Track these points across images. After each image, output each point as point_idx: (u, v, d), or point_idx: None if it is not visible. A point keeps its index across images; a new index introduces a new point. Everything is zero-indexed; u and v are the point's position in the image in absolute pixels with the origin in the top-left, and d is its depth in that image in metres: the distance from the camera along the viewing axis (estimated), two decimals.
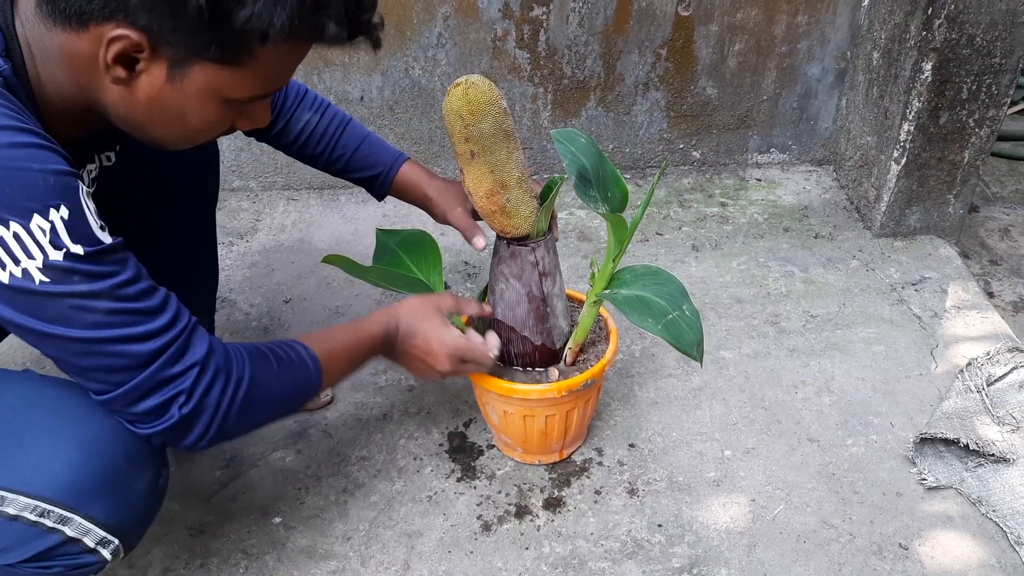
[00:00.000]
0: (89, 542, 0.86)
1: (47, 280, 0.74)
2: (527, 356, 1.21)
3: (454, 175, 1.99)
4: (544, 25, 1.81)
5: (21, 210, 0.72)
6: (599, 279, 1.15)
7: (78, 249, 0.75)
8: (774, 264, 1.76)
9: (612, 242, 1.12)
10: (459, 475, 1.30)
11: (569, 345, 1.22)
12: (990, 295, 1.74)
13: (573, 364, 1.23)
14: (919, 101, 1.65)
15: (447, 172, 1.99)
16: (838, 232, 1.86)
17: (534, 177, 1.57)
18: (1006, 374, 1.41)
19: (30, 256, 0.73)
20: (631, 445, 1.35)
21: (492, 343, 1.16)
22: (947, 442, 1.30)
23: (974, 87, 1.63)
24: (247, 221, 1.89)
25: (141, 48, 0.76)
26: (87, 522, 0.85)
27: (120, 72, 0.77)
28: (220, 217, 1.88)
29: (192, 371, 0.83)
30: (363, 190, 1.31)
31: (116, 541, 0.88)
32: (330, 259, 1.17)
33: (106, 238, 0.78)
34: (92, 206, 0.78)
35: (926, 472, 1.29)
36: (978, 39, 1.57)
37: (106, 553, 0.88)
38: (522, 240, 1.13)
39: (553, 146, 1.98)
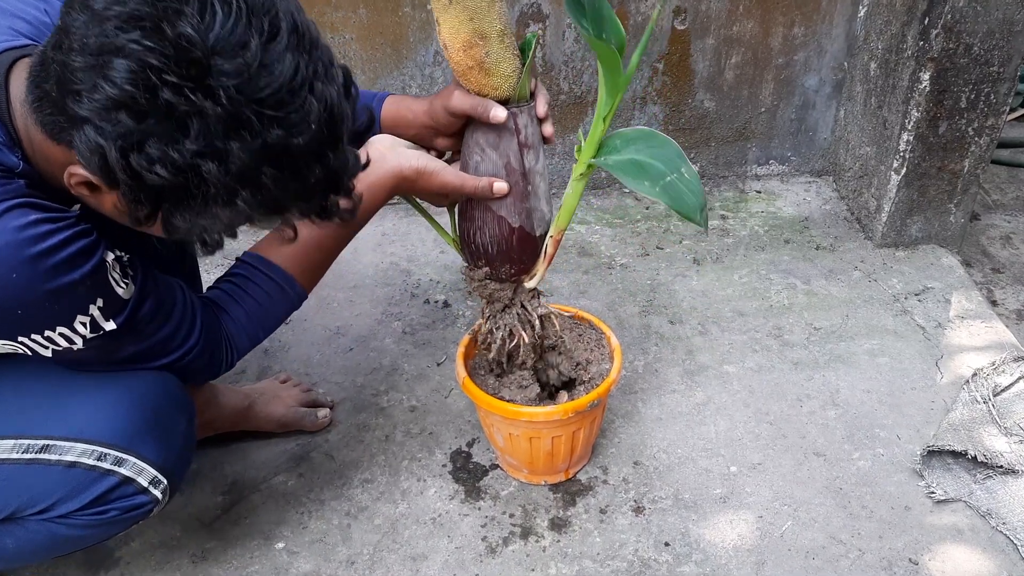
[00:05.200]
0: (143, 481, 0.95)
1: (83, 348, 0.86)
2: (503, 241, 1.08)
3: None
4: (540, 41, 1.81)
5: (66, 318, 0.83)
6: (587, 145, 1.03)
7: (111, 325, 0.86)
8: (776, 276, 1.75)
9: (603, 95, 0.99)
10: (463, 496, 1.29)
11: (551, 233, 1.11)
12: (993, 303, 1.74)
13: (552, 257, 1.12)
14: (918, 111, 1.64)
15: None
16: (839, 243, 1.85)
17: None
18: (1012, 384, 1.40)
19: (72, 343, 0.85)
20: (636, 463, 1.33)
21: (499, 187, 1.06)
22: (955, 454, 1.29)
23: (972, 96, 1.63)
24: (245, 243, 1.87)
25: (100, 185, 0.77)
26: (140, 461, 0.94)
27: (84, 191, 0.78)
28: None
29: (207, 351, 1.01)
30: None
31: (165, 480, 0.97)
32: None
33: (129, 291, 0.87)
34: (117, 271, 0.86)
35: (934, 485, 1.28)
36: (975, 48, 1.57)
37: (157, 492, 0.97)
38: (501, 104, 1.01)
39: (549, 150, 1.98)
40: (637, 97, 1.91)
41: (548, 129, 1.06)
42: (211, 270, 1.67)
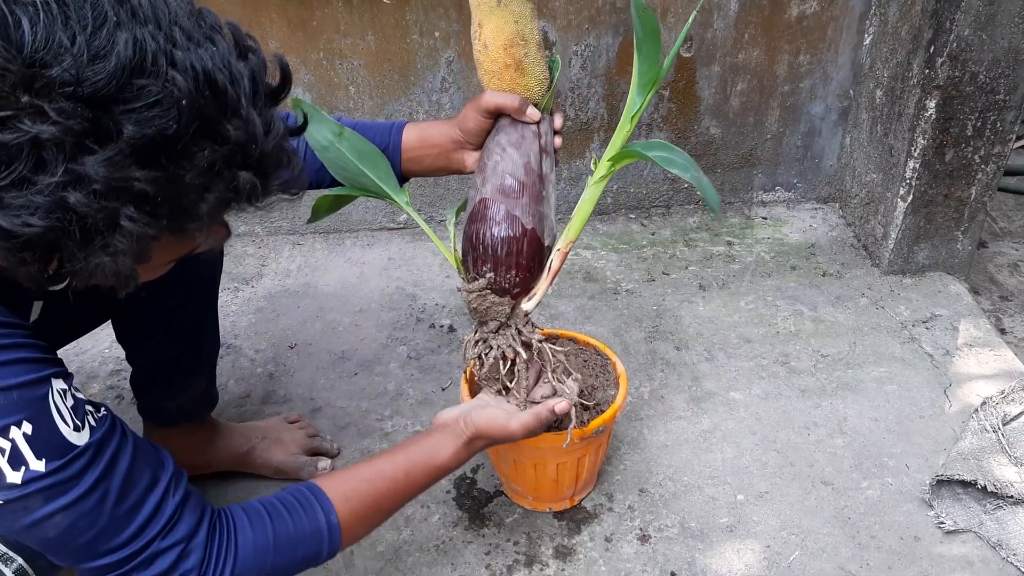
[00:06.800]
0: None
1: (2, 503, 0.70)
2: (513, 242, 1.05)
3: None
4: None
5: None
6: (613, 143, 1.05)
7: (39, 466, 0.70)
8: (782, 303, 1.74)
9: (633, 92, 1.00)
10: (467, 523, 1.27)
11: (558, 246, 1.10)
12: (1002, 331, 1.73)
13: (556, 274, 1.11)
14: (924, 138, 1.65)
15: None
16: (846, 270, 1.85)
17: None
18: (1022, 413, 1.39)
19: None
20: (642, 490, 1.32)
21: (567, 399, 1.09)
22: (964, 484, 1.27)
23: (979, 124, 1.63)
24: (252, 266, 1.89)
25: None
26: None
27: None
28: (226, 263, 1.88)
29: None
30: (368, 231, 1.26)
31: (19, 560, 0.84)
32: (320, 206, 1.12)
33: (81, 439, 0.73)
34: (67, 405, 0.73)
35: (944, 515, 1.26)
36: (981, 76, 1.57)
37: (8, 571, 0.83)
38: None
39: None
40: (643, 124, 1.92)
41: (558, 140, 1.09)
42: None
